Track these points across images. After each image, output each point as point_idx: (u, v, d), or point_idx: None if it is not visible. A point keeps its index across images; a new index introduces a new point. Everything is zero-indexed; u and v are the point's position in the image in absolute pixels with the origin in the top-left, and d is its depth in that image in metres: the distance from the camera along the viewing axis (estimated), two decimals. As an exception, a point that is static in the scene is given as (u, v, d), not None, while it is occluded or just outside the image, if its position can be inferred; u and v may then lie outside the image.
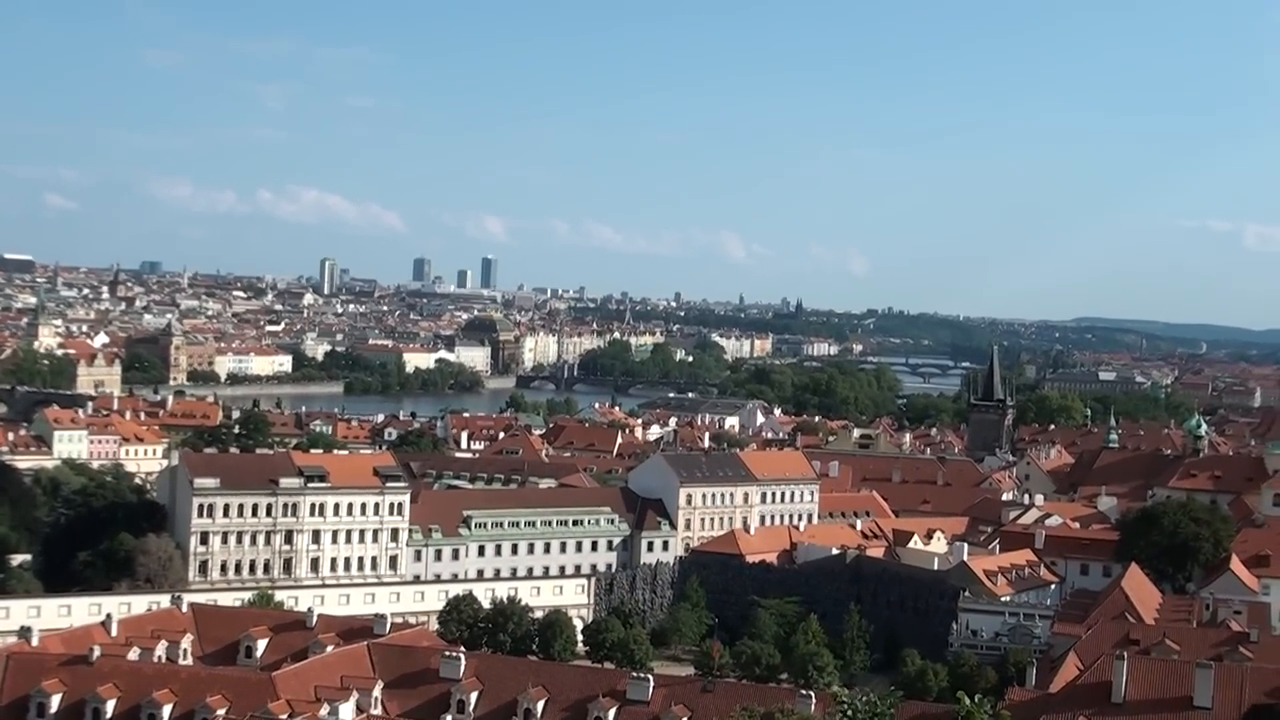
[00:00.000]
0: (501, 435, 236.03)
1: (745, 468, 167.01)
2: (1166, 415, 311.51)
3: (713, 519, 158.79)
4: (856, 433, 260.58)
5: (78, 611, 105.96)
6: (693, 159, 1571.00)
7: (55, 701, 73.46)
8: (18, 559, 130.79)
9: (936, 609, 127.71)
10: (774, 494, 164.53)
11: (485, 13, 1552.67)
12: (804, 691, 77.02)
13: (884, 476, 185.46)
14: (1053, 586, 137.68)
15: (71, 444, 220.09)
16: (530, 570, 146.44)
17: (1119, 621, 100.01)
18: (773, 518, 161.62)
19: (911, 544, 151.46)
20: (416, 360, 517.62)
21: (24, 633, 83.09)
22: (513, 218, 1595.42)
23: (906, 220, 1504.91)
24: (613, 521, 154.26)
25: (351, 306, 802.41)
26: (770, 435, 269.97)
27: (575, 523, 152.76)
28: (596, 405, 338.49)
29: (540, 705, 77.47)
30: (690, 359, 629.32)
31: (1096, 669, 77.27)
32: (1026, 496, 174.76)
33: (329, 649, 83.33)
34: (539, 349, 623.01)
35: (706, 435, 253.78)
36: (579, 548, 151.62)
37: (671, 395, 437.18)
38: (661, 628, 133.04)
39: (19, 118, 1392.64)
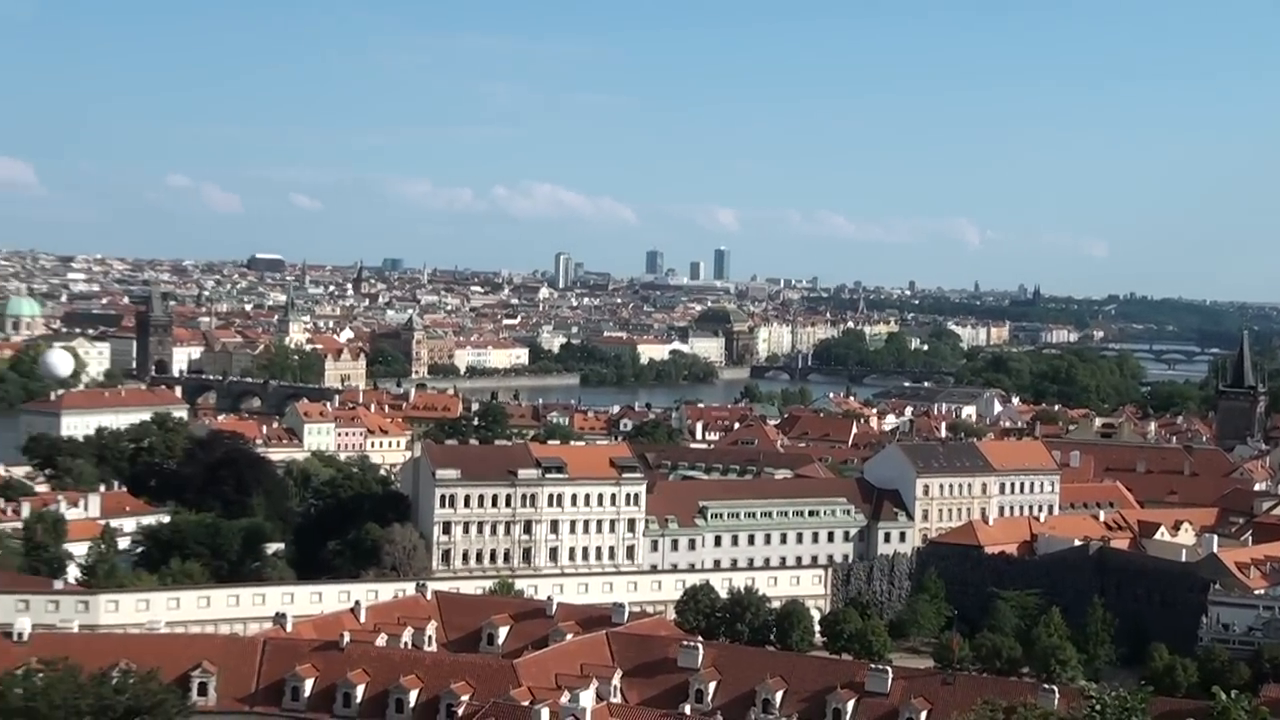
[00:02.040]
0: (736, 426, 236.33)
1: (983, 458, 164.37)
2: None
3: (950, 509, 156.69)
4: (1098, 421, 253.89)
5: (328, 598, 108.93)
6: (926, 146, 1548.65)
7: (308, 685, 75.85)
8: (272, 548, 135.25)
9: (1185, 602, 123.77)
10: (1013, 484, 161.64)
11: (714, 3, 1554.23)
12: (1047, 686, 75.43)
13: (1128, 466, 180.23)
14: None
15: (320, 436, 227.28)
16: (767, 560, 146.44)
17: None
18: (1012, 508, 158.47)
19: (1158, 535, 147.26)
20: (651, 352, 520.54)
21: (279, 619, 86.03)
22: (745, 208, 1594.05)
23: (1148, 201, 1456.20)
24: (849, 512, 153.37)
25: (586, 299, 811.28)
26: (1008, 424, 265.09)
27: (811, 513, 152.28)
28: (831, 395, 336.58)
29: (779, 696, 77.40)
30: (925, 348, 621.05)
31: (1358, 666, 74.26)
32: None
33: (569, 637, 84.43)
34: (773, 339, 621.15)
35: (943, 425, 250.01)
36: (815, 538, 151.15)
37: (907, 384, 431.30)
38: (899, 619, 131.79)
39: (268, 122, 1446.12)
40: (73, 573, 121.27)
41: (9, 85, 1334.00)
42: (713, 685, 78.52)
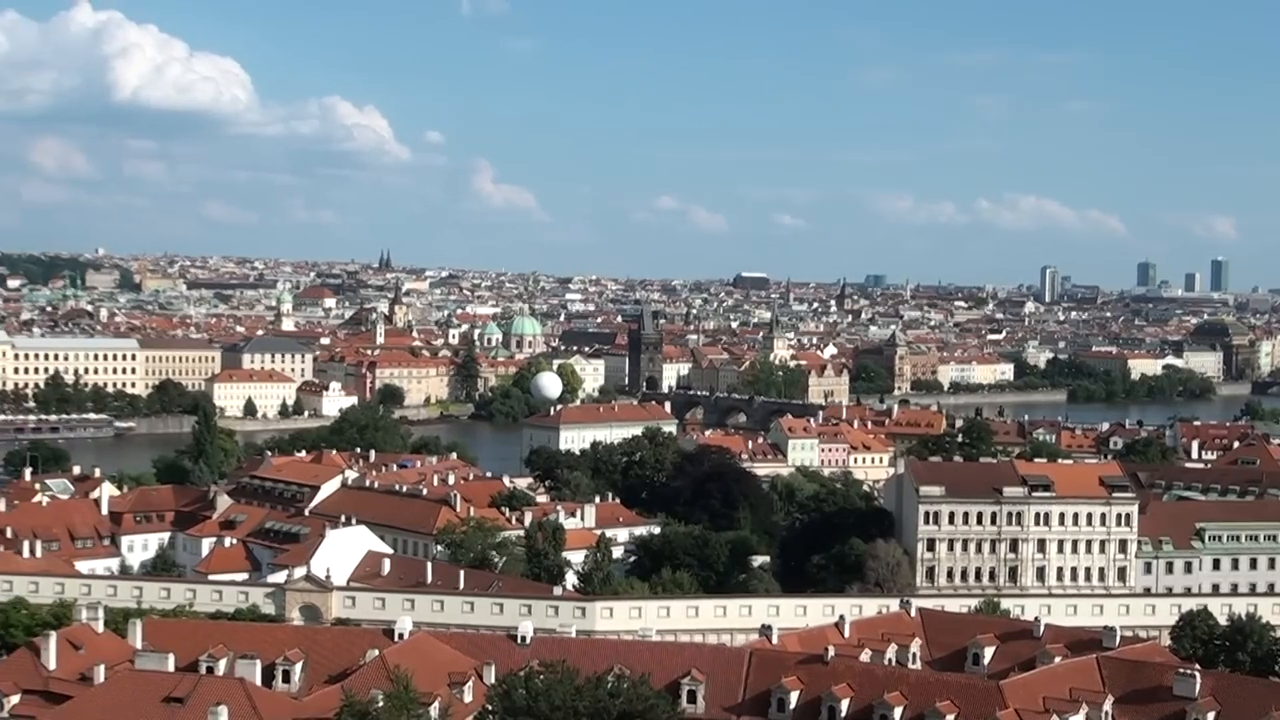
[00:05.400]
0: (1236, 444, 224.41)
1: None
2: None
3: None
4: None
5: (812, 612, 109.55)
6: None
7: (794, 698, 76.67)
8: (758, 560, 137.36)
9: None
10: None
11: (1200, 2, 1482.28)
12: None
13: None
14: None
15: (804, 452, 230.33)
16: (1271, 586, 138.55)
17: None
18: None
19: None
20: (1142, 367, 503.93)
21: (765, 630, 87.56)
22: (1245, 215, 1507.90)
23: None
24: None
25: (1073, 313, 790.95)
26: None
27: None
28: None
29: (1285, 731, 72.96)
30: None
31: None
32: None
33: (1057, 660, 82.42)
34: (1276, 353, 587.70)
35: None
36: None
37: None
38: None
39: (753, 144, 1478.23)
40: (570, 579, 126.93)
41: (513, 117, 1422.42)
42: (1211, 716, 74.74)
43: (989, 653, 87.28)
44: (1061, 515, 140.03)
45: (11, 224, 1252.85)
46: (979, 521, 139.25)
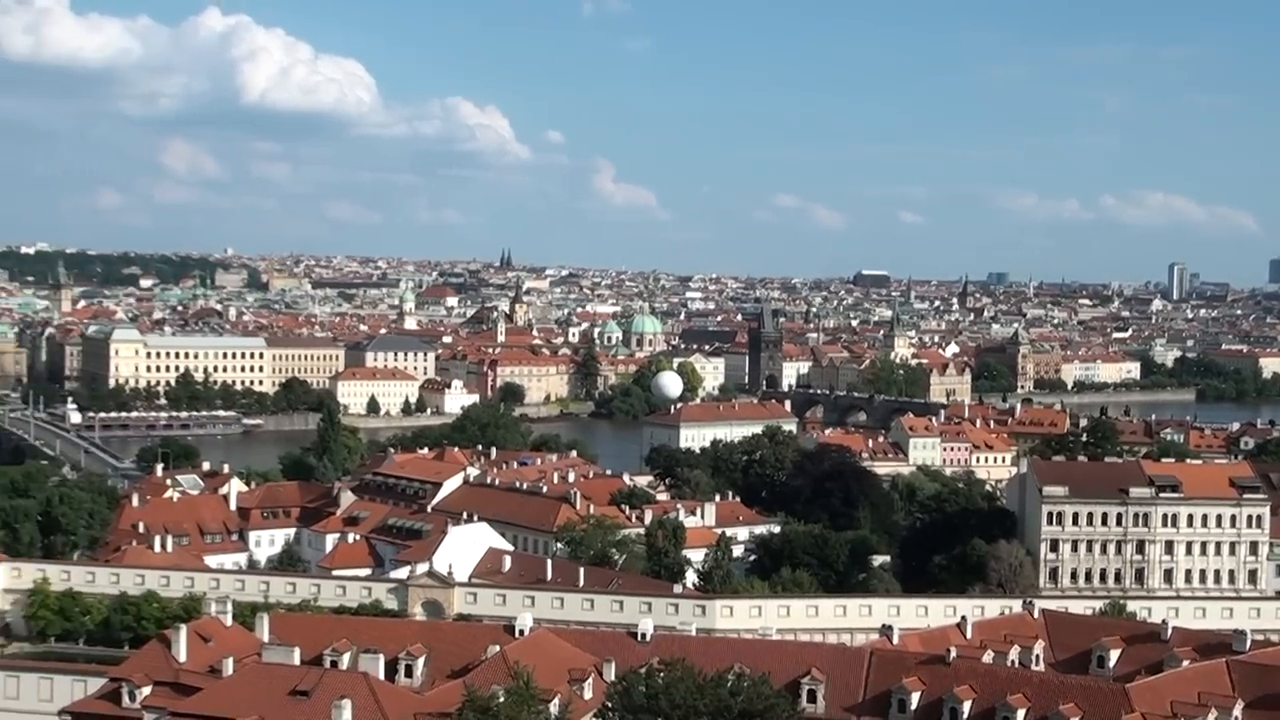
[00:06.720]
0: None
1: None
2: None
3: None
4: None
5: (934, 612, 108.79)
6: None
7: (914, 699, 76.08)
8: (878, 560, 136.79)
9: None
10: None
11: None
12: None
13: None
14: None
15: (925, 451, 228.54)
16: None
17: None
18: None
19: None
20: (1274, 365, 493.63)
21: (885, 630, 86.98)
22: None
23: None
24: None
25: (1202, 311, 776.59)
26: None
27: None
28: None
29: None
30: None
31: None
32: None
33: (1185, 663, 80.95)
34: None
35: None
36: None
37: None
38: None
39: (873, 141, 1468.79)
40: (690, 578, 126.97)
41: (633, 116, 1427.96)
42: (1346, 722, 73.14)
43: (1114, 655, 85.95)
44: (1190, 516, 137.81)
45: (144, 225, 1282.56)
46: (1104, 522, 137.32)
